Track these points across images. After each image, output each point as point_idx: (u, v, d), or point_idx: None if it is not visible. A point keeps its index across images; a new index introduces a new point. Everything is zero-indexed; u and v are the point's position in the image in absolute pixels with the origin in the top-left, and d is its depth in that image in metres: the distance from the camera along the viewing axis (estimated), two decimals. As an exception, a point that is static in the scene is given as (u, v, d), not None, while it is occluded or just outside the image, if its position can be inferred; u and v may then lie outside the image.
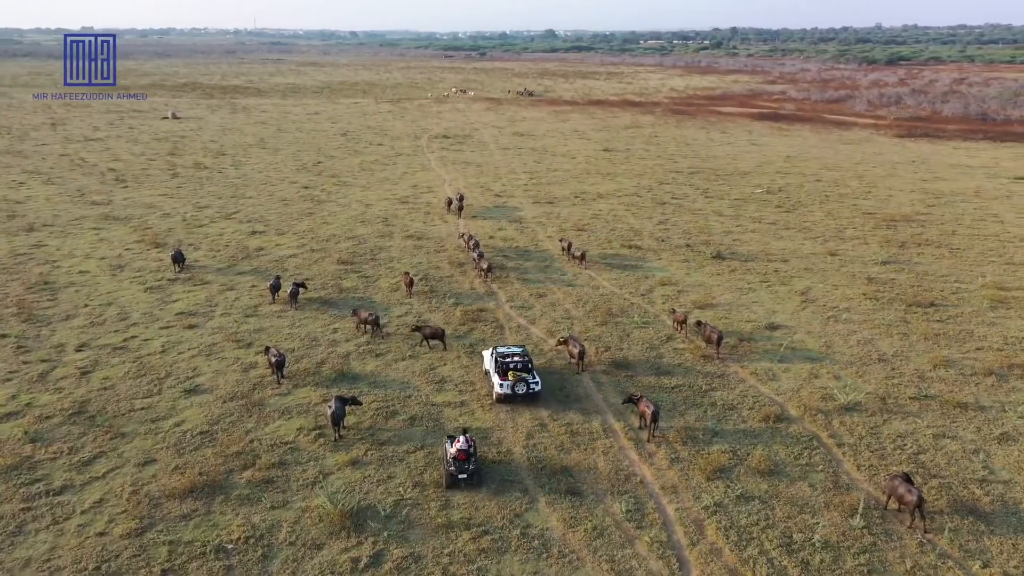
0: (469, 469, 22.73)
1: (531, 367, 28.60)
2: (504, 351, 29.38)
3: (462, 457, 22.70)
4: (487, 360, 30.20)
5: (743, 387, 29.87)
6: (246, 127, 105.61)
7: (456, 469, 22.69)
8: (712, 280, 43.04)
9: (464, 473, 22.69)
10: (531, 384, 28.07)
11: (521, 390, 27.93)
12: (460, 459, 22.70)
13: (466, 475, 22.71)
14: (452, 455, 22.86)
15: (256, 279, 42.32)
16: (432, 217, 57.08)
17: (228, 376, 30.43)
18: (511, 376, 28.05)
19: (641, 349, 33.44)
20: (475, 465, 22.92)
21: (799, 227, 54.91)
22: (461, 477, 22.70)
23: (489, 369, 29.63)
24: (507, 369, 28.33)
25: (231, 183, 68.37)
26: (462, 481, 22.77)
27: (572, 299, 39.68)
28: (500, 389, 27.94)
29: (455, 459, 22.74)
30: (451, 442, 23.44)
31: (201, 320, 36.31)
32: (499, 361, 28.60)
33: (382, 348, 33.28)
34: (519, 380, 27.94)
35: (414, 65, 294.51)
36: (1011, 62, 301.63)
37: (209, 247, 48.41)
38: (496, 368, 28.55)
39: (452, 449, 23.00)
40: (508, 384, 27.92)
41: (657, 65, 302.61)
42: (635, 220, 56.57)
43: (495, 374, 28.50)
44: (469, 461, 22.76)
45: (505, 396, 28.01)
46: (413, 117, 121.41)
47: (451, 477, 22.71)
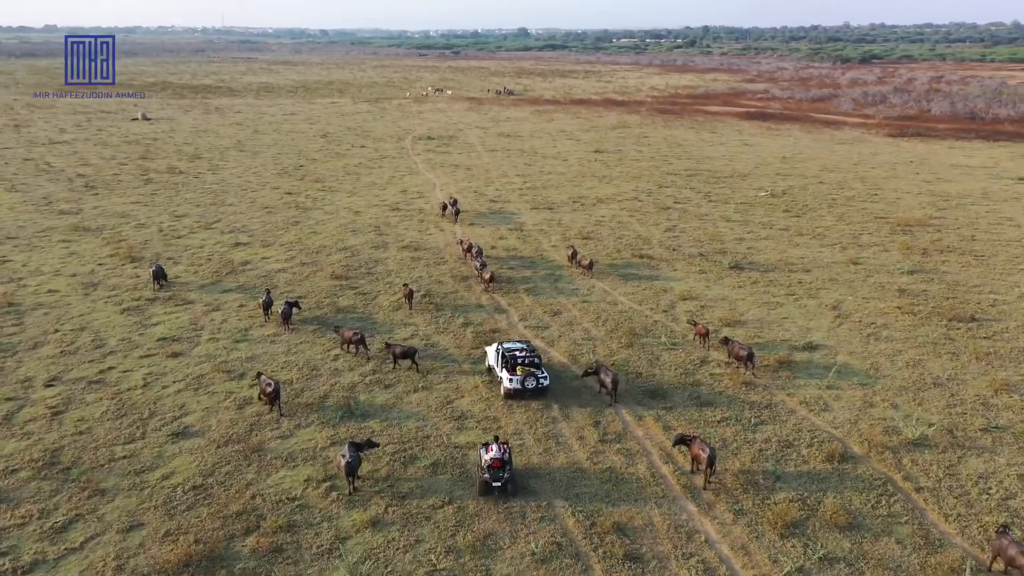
0: (504, 477, 22.16)
1: (539, 362, 28.37)
2: (510, 346, 29.07)
3: (497, 465, 22.15)
4: (491, 356, 29.99)
5: (795, 419, 27.06)
6: (221, 129, 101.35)
7: (491, 477, 22.16)
8: (735, 293, 40.29)
9: (498, 481, 22.13)
10: (540, 379, 27.90)
11: (531, 385, 27.71)
12: (495, 467, 22.14)
13: (500, 483, 22.15)
14: (487, 463, 22.28)
15: (244, 297, 38.83)
16: (427, 225, 53.80)
17: (221, 415, 27.02)
18: (519, 371, 27.79)
19: (675, 375, 30.53)
20: (510, 473, 22.30)
21: (812, 233, 52.41)
22: (495, 485, 22.15)
23: (494, 365, 29.45)
24: (515, 364, 27.97)
25: (209, 189, 64.50)
26: (496, 489, 22.20)
27: (590, 317, 36.70)
28: (509, 384, 27.72)
29: (490, 467, 22.18)
30: (484, 449, 22.98)
31: (186, 347, 32.79)
32: (506, 356, 28.25)
33: (390, 378, 30.03)
34: (528, 375, 27.72)
35: (388, 64, 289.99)
36: (982, 60, 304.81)
37: (190, 261, 44.75)
38: (503, 363, 28.21)
39: (486, 456, 22.50)
40: (518, 379, 27.71)
41: (633, 64, 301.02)
42: (641, 227, 53.74)
43: (503, 370, 28.15)
44: (504, 469, 22.20)
45: (515, 391, 27.78)
46: (393, 117, 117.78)
47: (485, 485, 22.20)
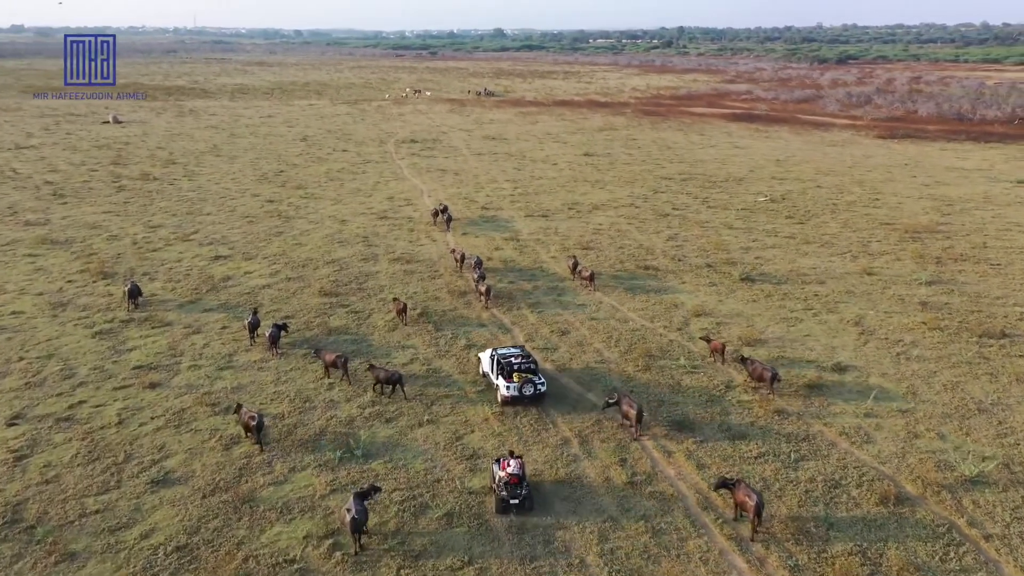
0: (521, 494, 21.37)
1: (535, 367, 27.67)
2: (505, 352, 28.42)
3: (514, 481, 21.37)
4: (485, 363, 29.33)
5: (838, 454, 24.83)
6: (196, 132, 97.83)
7: (508, 494, 21.31)
8: (750, 308, 38.10)
9: (516, 498, 21.31)
10: (538, 385, 27.33)
11: (529, 391, 27.16)
12: (512, 483, 21.35)
13: (518, 500, 21.32)
14: (503, 479, 21.46)
15: (227, 317, 36.01)
16: (417, 235, 51.15)
17: (206, 457, 24.28)
18: (516, 378, 27.10)
19: (700, 403, 28.21)
20: (527, 489, 21.54)
21: (820, 241, 50.42)
22: (513, 502, 21.29)
23: (488, 372, 28.85)
24: (512, 371, 27.24)
25: (185, 197, 61.34)
26: (514, 507, 21.31)
27: (600, 336, 34.31)
28: (507, 391, 27.15)
29: (507, 484, 21.36)
30: (498, 465, 22.23)
31: (164, 376, 29.95)
32: (501, 363, 27.57)
33: (391, 411, 27.43)
34: (526, 381, 27.10)
35: (365, 64, 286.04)
36: (956, 61, 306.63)
37: (167, 277, 41.79)
38: (499, 370, 27.58)
39: (501, 472, 21.71)
40: (515, 386, 27.10)
41: (612, 64, 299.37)
42: (642, 235, 51.48)
43: (499, 377, 27.51)
44: (521, 485, 21.44)
45: (512, 399, 27.22)
46: (374, 120, 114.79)
47: (503, 502, 21.35)
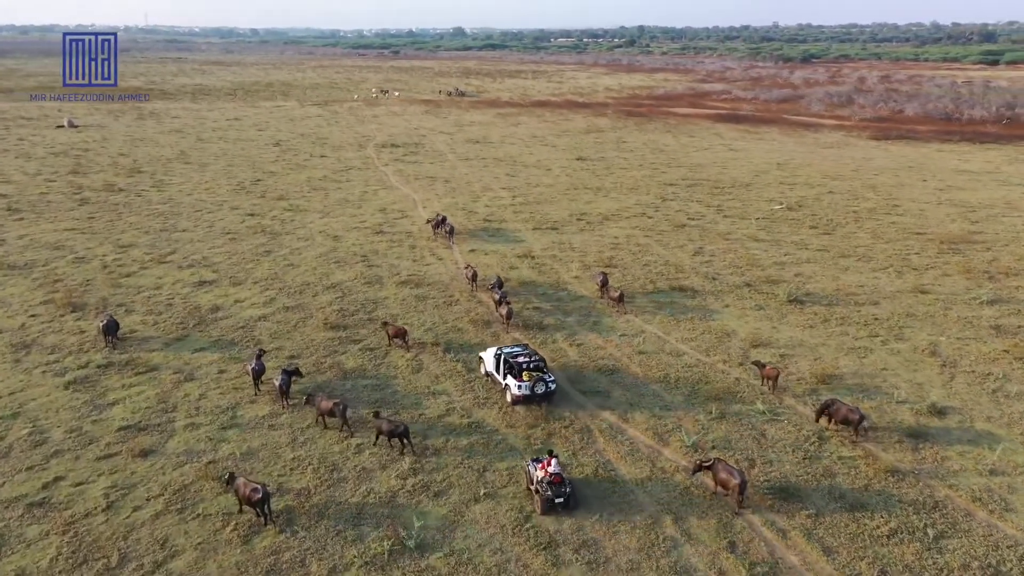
0: (565, 492, 21.34)
1: (544, 365, 27.56)
2: (511, 351, 28.17)
3: (558, 480, 21.31)
4: (489, 362, 28.90)
5: (979, 528, 20.97)
6: (160, 137, 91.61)
7: (553, 493, 21.20)
8: (809, 336, 34.27)
9: (560, 496, 21.28)
10: (549, 383, 27.11)
11: (540, 390, 26.92)
12: (556, 482, 21.27)
13: (562, 499, 21.28)
14: (546, 479, 21.31)
15: (222, 359, 31.11)
16: (421, 252, 46.51)
17: (222, 555, 19.57)
18: (526, 376, 26.82)
19: (796, 460, 24.20)
20: (570, 487, 21.54)
21: (855, 254, 46.92)
22: (558, 501, 21.21)
23: (493, 372, 28.59)
24: (522, 369, 26.98)
25: (157, 211, 55.81)
26: (559, 506, 21.23)
27: (655, 375, 30.16)
28: (518, 391, 26.80)
29: (551, 483, 21.27)
30: (535, 465, 22.06)
31: (157, 439, 25.05)
32: (511, 363, 27.28)
33: (438, 481, 22.94)
34: (538, 380, 26.83)
35: (327, 64, 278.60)
36: (916, 59, 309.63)
37: (146, 308, 36.64)
38: (508, 370, 27.34)
39: (539, 472, 21.55)
40: (527, 385, 26.78)
41: (578, 63, 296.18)
42: (664, 250, 47.49)
43: (507, 376, 27.30)
44: (564, 483, 21.42)
45: (524, 397, 26.90)
46: (348, 122, 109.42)
47: (548, 503, 21.18)
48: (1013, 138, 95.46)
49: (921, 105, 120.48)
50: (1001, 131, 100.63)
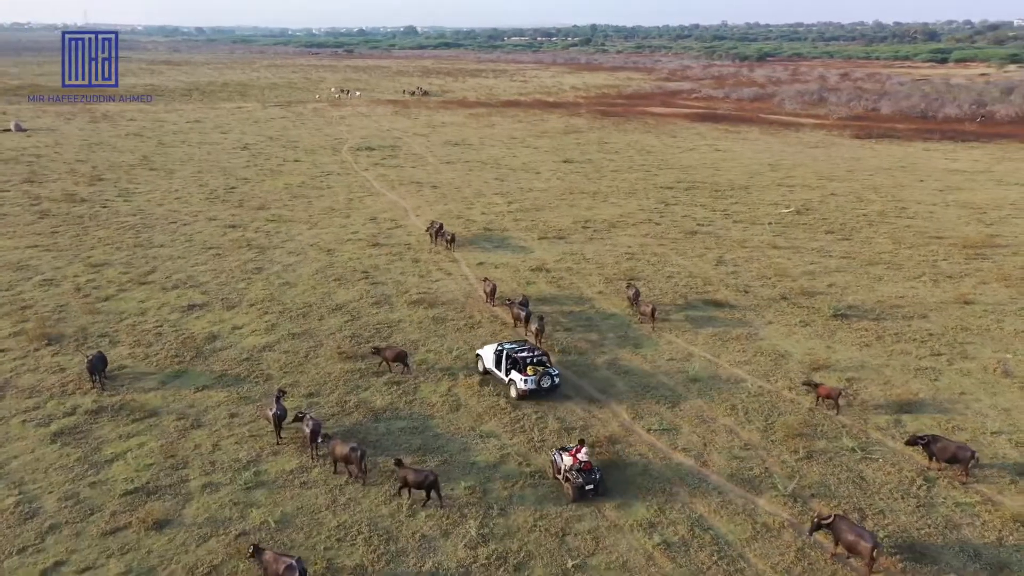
0: (595, 478, 21.64)
1: (547, 359, 27.78)
2: (513, 347, 28.04)
3: (588, 467, 21.70)
4: (488, 359, 28.63)
5: None
6: (117, 141, 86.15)
7: (584, 480, 21.42)
8: (869, 356, 31.73)
9: (591, 483, 21.53)
10: (554, 376, 27.43)
11: (546, 384, 27.12)
12: (586, 469, 21.64)
13: (592, 485, 21.53)
14: (575, 467, 21.59)
15: (230, 398, 27.35)
16: (426, 267, 43.02)
17: (278, 664, 15.98)
18: (531, 371, 26.90)
19: (911, 511, 21.46)
20: (599, 474, 21.82)
21: (882, 261, 44.78)
22: (588, 488, 21.46)
23: (492, 368, 28.36)
24: (526, 364, 27.00)
25: (127, 223, 51.24)
26: (589, 492, 21.47)
27: (721, 407, 27.28)
28: (524, 386, 26.80)
29: (580, 470, 21.56)
30: (560, 454, 22.30)
31: (172, 506, 21.29)
32: (514, 358, 27.28)
33: (514, 551, 19.65)
34: (543, 374, 26.99)
35: (280, 63, 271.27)
36: (868, 58, 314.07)
37: (133, 338, 32.55)
38: (511, 365, 27.34)
39: (568, 461, 21.80)
40: (533, 379, 26.82)
41: (537, 62, 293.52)
42: (683, 260, 44.77)
43: (511, 372, 27.25)
44: (593, 470, 21.75)
45: (530, 392, 26.87)
46: (315, 124, 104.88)
47: (579, 489, 21.40)
48: (993, 136, 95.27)
49: (895, 103, 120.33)
50: (978, 129, 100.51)
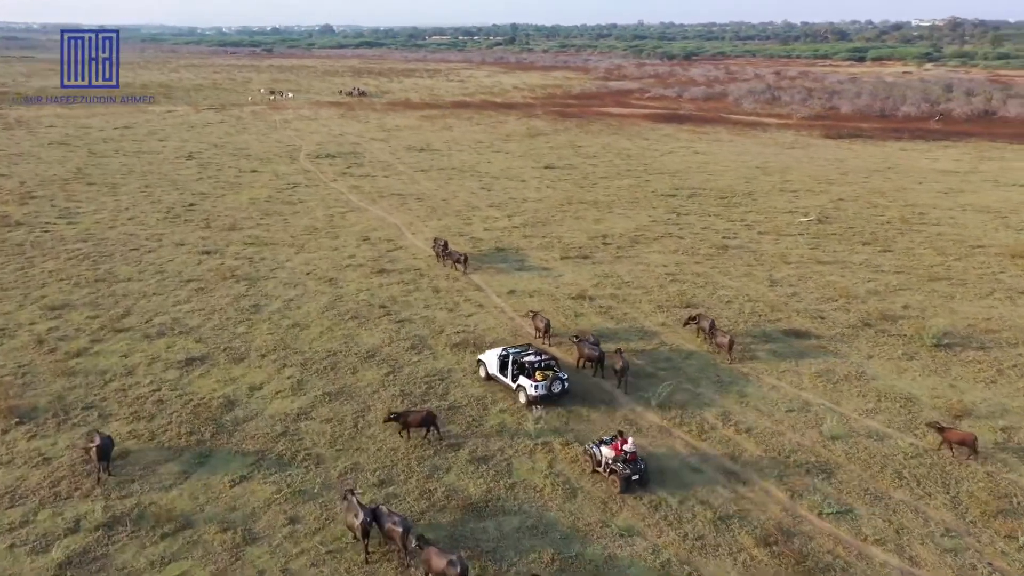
0: (641, 469, 21.46)
1: (555, 364, 26.99)
2: (518, 351, 27.27)
3: (633, 458, 21.47)
4: (492, 365, 27.73)
5: None
6: (40, 151, 76.77)
7: (631, 471, 21.20)
8: (1004, 397, 27.90)
9: (637, 474, 21.33)
10: (564, 381, 26.51)
11: (557, 389, 26.32)
12: (632, 460, 21.42)
13: (638, 476, 21.37)
14: (620, 457, 21.41)
15: (281, 493, 21.36)
16: (450, 297, 37.39)
17: None
18: (540, 376, 26.07)
19: None
20: (644, 463, 21.65)
21: (940, 276, 41.52)
22: (635, 478, 21.27)
23: (496, 374, 27.49)
24: (535, 370, 26.22)
25: (78, 252, 43.68)
26: (635, 483, 21.28)
27: (883, 473, 22.81)
28: (535, 391, 25.91)
29: (626, 461, 21.34)
30: (598, 447, 22.07)
31: None
32: (519, 363, 26.57)
33: None
34: (554, 379, 26.22)
35: (198, 63, 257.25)
36: (788, 56, 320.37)
37: (128, 409, 25.94)
38: (519, 371, 26.56)
39: (610, 452, 21.62)
40: (543, 384, 26.02)
41: (466, 61, 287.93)
42: (732, 281, 40.45)
43: (519, 377, 26.43)
44: (638, 461, 21.57)
45: (541, 397, 25.97)
46: (259, 129, 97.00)
47: (626, 480, 21.19)
48: (960, 135, 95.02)
49: (850, 102, 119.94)
50: (942, 128, 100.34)
